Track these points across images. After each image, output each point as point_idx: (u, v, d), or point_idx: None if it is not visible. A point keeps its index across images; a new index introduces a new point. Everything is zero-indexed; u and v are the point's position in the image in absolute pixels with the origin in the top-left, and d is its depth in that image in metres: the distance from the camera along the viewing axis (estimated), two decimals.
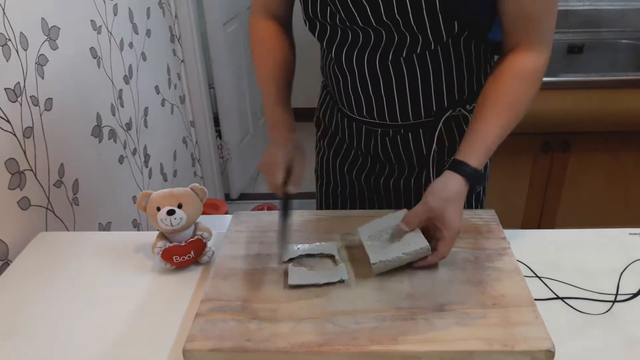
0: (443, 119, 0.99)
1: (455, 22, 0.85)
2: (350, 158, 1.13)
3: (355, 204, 1.17)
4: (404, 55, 0.91)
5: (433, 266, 0.83)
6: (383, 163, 1.09)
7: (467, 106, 0.99)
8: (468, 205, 1.09)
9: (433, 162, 1.03)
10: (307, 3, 0.91)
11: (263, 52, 1.02)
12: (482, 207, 1.12)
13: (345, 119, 1.07)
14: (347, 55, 0.95)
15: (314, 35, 0.97)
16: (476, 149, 0.83)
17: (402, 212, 0.86)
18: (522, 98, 0.86)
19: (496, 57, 0.95)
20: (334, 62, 0.99)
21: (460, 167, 0.82)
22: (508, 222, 1.04)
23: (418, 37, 0.87)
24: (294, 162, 0.92)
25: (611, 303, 0.82)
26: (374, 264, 0.80)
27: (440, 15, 0.84)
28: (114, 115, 1.53)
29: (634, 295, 0.83)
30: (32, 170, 1.12)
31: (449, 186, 0.82)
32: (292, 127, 0.97)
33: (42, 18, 1.18)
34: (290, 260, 0.86)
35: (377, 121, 1.02)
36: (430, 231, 0.83)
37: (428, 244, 0.80)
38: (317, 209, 1.24)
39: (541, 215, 1.96)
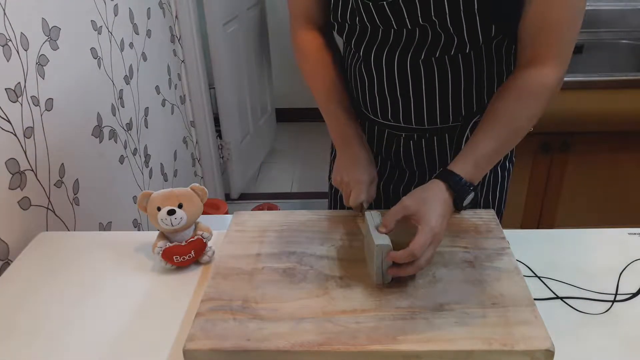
0: (471, 123, 0.96)
1: (493, 25, 0.84)
2: None
3: None
4: (436, 55, 0.89)
5: (410, 276, 0.79)
6: (403, 169, 1.07)
7: None
8: None
9: None
10: (337, 7, 0.90)
11: (319, 68, 1.01)
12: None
13: (367, 123, 1.05)
14: (376, 54, 0.93)
15: (342, 37, 0.96)
16: (463, 159, 0.84)
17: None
18: (523, 115, 0.84)
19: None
20: (362, 62, 0.96)
21: (442, 174, 0.83)
22: (507, 222, 1.04)
23: (453, 39, 0.86)
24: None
25: (610, 303, 0.82)
26: (377, 245, 0.77)
27: (477, 17, 0.82)
28: (114, 115, 1.53)
29: (634, 295, 0.84)
30: (32, 170, 1.12)
31: (427, 188, 0.82)
32: (367, 146, 0.99)
33: (43, 18, 1.18)
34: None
35: (402, 125, 0.99)
36: (411, 233, 0.79)
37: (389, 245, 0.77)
38: None
39: (540, 215, 1.96)
